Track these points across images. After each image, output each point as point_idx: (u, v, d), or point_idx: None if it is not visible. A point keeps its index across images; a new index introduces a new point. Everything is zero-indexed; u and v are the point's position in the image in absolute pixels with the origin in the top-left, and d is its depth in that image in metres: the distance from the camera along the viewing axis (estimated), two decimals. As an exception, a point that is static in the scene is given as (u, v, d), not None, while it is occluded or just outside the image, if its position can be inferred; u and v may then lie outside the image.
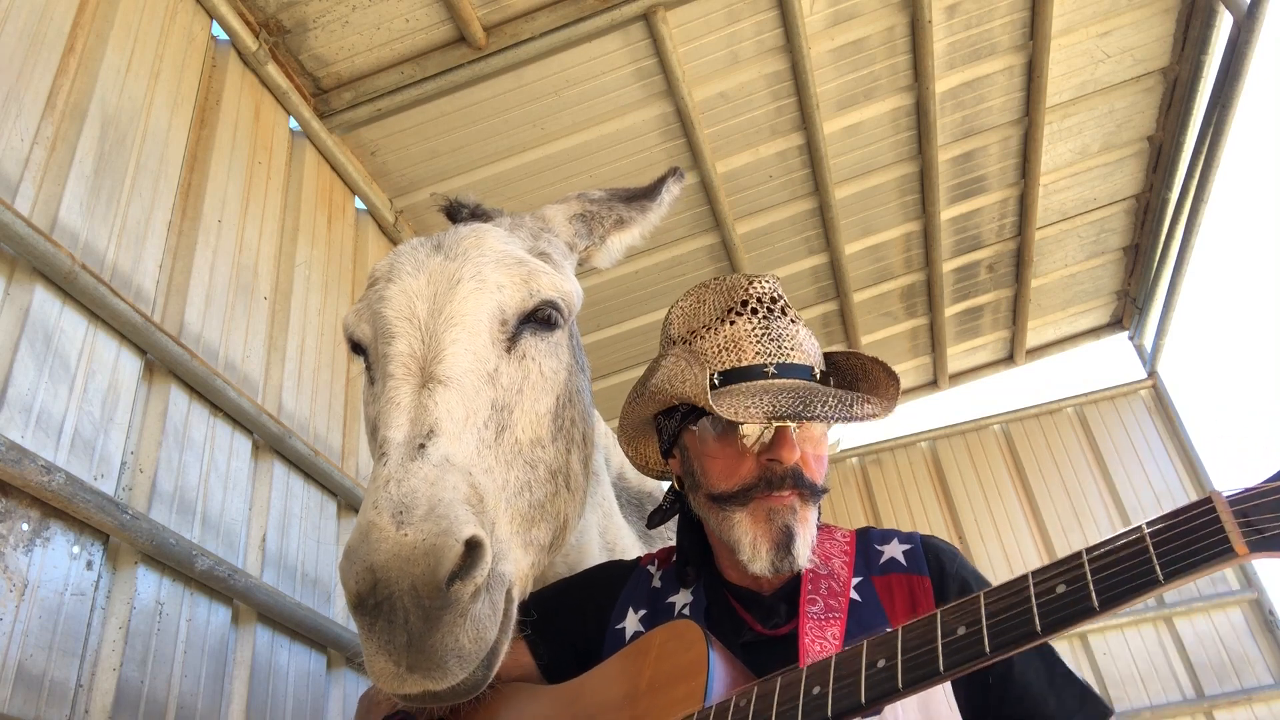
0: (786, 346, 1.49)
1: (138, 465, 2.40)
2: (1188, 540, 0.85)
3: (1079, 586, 0.89)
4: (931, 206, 5.51)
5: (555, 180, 4.60)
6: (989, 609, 0.95)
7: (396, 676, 1.17)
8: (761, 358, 1.47)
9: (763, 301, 1.53)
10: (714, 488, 1.46)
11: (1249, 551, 0.81)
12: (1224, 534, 0.82)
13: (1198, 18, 4.72)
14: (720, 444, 1.46)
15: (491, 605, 1.25)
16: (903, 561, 1.45)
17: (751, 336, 1.49)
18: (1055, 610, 0.90)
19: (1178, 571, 0.83)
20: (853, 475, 7.50)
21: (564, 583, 1.73)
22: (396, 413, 1.34)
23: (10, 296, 2.14)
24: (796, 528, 1.39)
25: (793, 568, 1.39)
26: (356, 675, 3.12)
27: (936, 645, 0.96)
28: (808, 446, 1.44)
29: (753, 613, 1.48)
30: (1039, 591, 0.92)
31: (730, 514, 1.42)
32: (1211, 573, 0.84)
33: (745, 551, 1.40)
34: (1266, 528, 0.81)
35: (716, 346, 1.51)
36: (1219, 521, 0.83)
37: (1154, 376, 7.15)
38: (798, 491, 1.41)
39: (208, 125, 3.21)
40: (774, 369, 1.46)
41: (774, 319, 1.51)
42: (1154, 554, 0.86)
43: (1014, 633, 0.91)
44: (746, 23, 4.20)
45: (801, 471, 1.41)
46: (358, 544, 1.16)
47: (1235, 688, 6.12)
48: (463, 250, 1.55)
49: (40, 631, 1.95)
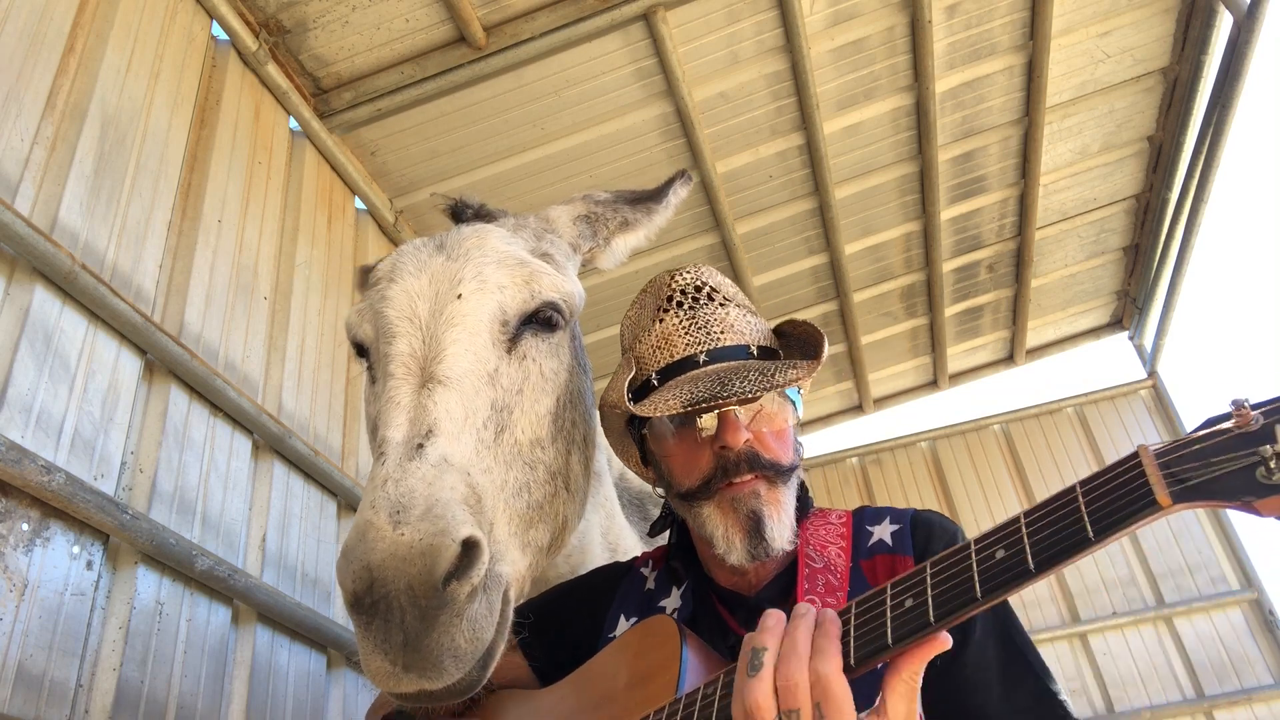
0: (715, 332, 1.50)
1: (138, 465, 2.40)
2: (1115, 496, 0.84)
3: (1016, 550, 0.89)
4: (931, 206, 5.51)
5: (555, 180, 4.60)
6: (934, 578, 0.95)
7: (392, 676, 1.17)
8: (691, 348, 1.49)
9: (686, 293, 1.54)
10: (679, 485, 1.47)
11: (1172, 502, 0.80)
12: (1149, 486, 0.82)
13: (1198, 18, 4.72)
14: (676, 442, 1.47)
15: (488, 605, 1.25)
16: (889, 542, 1.43)
17: (679, 330, 1.51)
18: (994, 575, 0.89)
19: (1107, 528, 0.83)
20: (853, 475, 7.50)
21: (558, 590, 1.73)
22: (396, 412, 1.34)
23: (10, 296, 2.14)
24: (764, 510, 1.38)
25: (769, 553, 1.38)
26: (356, 675, 3.13)
27: (886, 619, 0.96)
28: (762, 425, 1.43)
29: (737, 616, 1.47)
30: (980, 558, 0.92)
31: (700, 509, 1.43)
32: (1140, 526, 0.83)
33: (720, 544, 1.40)
34: (1189, 477, 0.80)
35: (651, 347, 1.53)
36: (1144, 475, 0.83)
37: (1154, 376, 7.15)
38: (759, 475, 1.40)
39: (208, 125, 3.21)
40: (705, 356, 1.47)
41: (700, 308, 1.53)
42: (1085, 512, 0.86)
43: (956, 600, 0.91)
44: (746, 23, 4.20)
45: (758, 454, 1.41)
46: (355, 543, 1.16)
47: (1235, 688, 6.12)
48: (465, 251, 1.56)
49: (40, 631, 1.95)
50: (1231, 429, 0.80)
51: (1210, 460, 0.80)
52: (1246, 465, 0.78)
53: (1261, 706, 6.05)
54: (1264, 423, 0.78)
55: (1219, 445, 0.80)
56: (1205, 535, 6.59)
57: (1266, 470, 0.76)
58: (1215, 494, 0.79)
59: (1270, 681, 6.08)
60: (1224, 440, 0.80)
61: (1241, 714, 6.06)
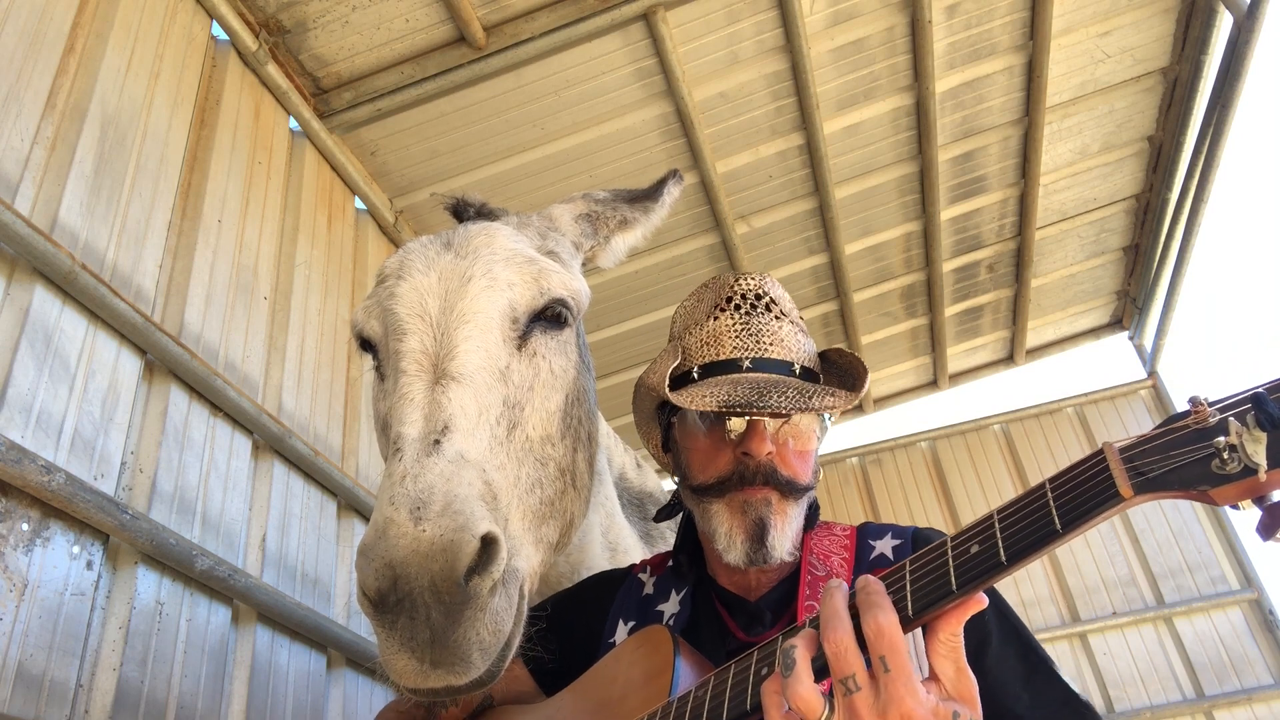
0: (765, 342, 1.52)
1: (138, 465, 2.40)
2: (1081, 490, 0.88)
3: (989, 545, 0.93)
4: (931, 206, 5.51)
5: (555, 180, 4.60)
6: (913, 574, 0.98)
7: (419, 673, 1.16)
8: (738, 352, 1.51)
9: (746, 298, 1.57)
10: (694, 479, 1.49)
11: (1134, 494, 0.84)
12: (1112, 479, 0.85)
13: (1198, 18, 4.72)
14: (701, 437, 1.49)
15: (507, 599, 1.26)
16: (890, 557, 1.46)
17: (731, 332, 1.53)
18: (969, 569, 0.93)
19: (1073, 520, 0.87)
20: (853, 475, 7.50)
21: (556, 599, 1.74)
22: (410, 409, 1.34)
23: (10, 296, 2.14)
24: (770, 520, 1.40)
25: (767, 560, 1.40)
26: (356, 675, 3.12)
27: None
28: (792, 442, 1.45)
29: (737, 619, 1.48)
30: (956, 553, 0.95)
31: (708, 505, 1.45)
32: (1105, 519, 0.87)
33: (721, 541, 1.42)
34: (1149, 469, 0.84)
35: (700, 341, 1.56)
36: (1108, 469, 0.87)
37: (1154, 376, 7.15)
38: (773, 488, 1.42)
39: (208, 125, 3.21)
40: (749, 363, 1.49)
41: (756, 315, 1.55)
42: (1053, 506, 0.90)
43: (934, 594, 0.94)
44: (746, 23, 4.20)
45: (776, 468, 1.43)
46: (374, 540, 1.15)
47: (1235, 688, 6.11)
48: (473, 248, 1.56)
49: (40, 631, 1.95)
50: (1190, 424, 0.85)
51: (1169, 454, 0.84)
52: (1202, 457, 0.82)
53: (1261, 706, 6.04)
54: (1219, 418, 0.83)
55: (1178, 439, 0.85)
56: (1205, 535, 6.59)
57: (1220, 461, 0.81)
58: (1174, 485, 0.83)
59: (1270, 681, 6.08)
60: (1182, 435, 0.85)
61: (1241, 714, 6.06)
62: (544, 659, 1.55)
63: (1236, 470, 0.80)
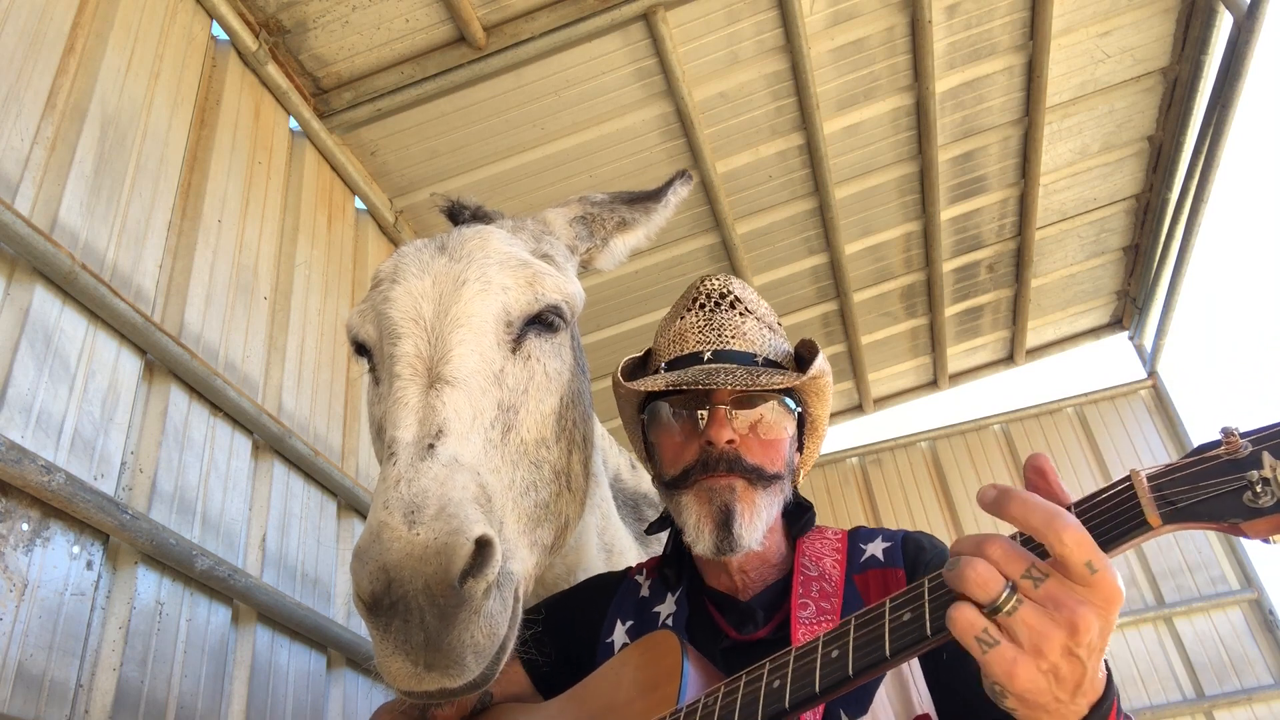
0: (728, 335, 1.56)
1: (138, 465, 2.40)
2: (1108, 516, 0.88)
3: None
4: (931, 206, 5.51)
5: (555, 180, 4.60)
6: (931, 594, 0.95)
7: (414, 676, 1.17)
8: (700, 345, 1.55)
9: (710, 297, 1.62)
10: (664, 473, 1.52)
11: (1162, 523, 0.84)
12: (1140, 508, 0.85)
13: (1198, 18, 4.72)
14: (666, 430, 1.52)
15: (502, 602, 1.26)
16: (881, 558, 1.47)
17: (694, 328, 1.58)
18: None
19: (1102, 546, 0.86)
20: (853, 475, 7.50)
21: (554, 600, 1.75)
22: (404, 413, 1.34)
23: (10, 296, 2.14)
24: (735, 506, 1.41)
25: (735, 548, 1.40)
26: (356, 675, 3.13)
27: (885, 632, 0.96)
28: (758, 431, 1.47)
29: (729, 619, 1.49)
30: None
31: (678, 497, 1.48)
32: (1131, 547, 0.87)
33: (691, 532, 1.44)
34: (1179, 499, 0.84)
35: (667, 340, 1.62)
36: (1136, 497, 0.86)
37: (1154, 376, 7.15)
38: (738, 475, 1.43)
39: (208, 125, 3.21)
40: (710, 354, 1.53)
41: (720, 312, 1.60)
42: None
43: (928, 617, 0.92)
44: (746, 23, 4.20)
45: (740, 455, 1.44)
46: (369, 544, 1.16)
47: (1235, 688, 6.12)
48: (467, 252, 1.56)
49: (40, 631, 1.95)
50: (1221, 455, 0.84)
51: (1200, 484, 0.83)
52: (1234, 489, 0.81)
53: (1261, 706, 6.05)
54: (1252, 450, 0.82)
55: (1208, 470, 0.84)
56: (1205, 535, 6.59)
57: (1253, 494, 0.80)
58: (1203, 516, 0.82)
59: (1270, 681, 6.08)
60: (1213, 465, 0.84)
61: (1241, 714, 6.06)
62: (540, 661, 1.55)
63: (1270, 504, 0.79)
